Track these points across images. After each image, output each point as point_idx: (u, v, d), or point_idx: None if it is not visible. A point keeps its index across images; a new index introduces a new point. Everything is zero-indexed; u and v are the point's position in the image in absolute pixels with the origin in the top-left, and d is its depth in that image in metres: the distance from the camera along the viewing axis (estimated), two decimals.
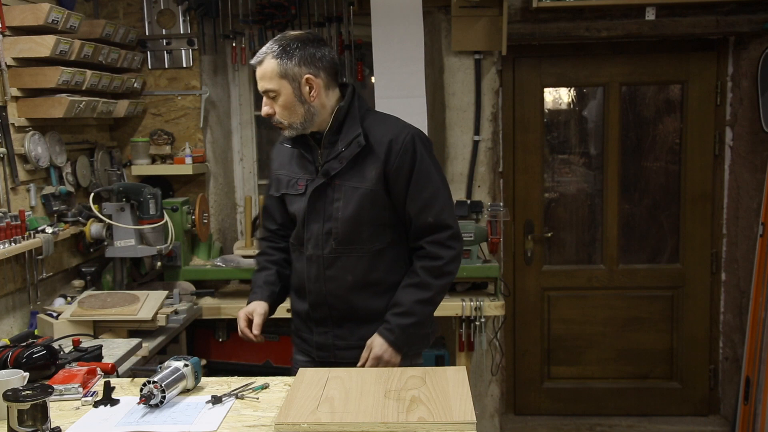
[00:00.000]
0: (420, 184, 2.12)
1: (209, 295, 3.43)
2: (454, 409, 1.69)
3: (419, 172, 2.12)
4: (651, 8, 3.54)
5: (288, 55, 2.05)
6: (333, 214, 2.14)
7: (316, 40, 2.11)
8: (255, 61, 2.09)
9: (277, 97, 2.09)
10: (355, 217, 2.12)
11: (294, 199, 2.23)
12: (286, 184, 2.24)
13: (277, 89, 2.07)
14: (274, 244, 2.39)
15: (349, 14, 3.57)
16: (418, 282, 2.13)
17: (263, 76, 2.08)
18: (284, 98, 2.08)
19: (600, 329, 4.06)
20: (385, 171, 2.11)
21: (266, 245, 2.41)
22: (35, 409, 1.63)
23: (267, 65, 2.07)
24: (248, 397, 1.89)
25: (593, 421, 4.05)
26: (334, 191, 2.13)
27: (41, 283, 2.95)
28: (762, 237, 3.61)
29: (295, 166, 2.23)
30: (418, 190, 2.12)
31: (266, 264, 2.37)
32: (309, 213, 2.17)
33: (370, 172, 2.11)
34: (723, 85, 3.84)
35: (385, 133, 2.12)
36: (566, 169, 4.04)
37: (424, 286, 2.13)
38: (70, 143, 3.23)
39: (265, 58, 2.07)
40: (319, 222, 2.16)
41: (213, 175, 3.83)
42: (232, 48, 3.70)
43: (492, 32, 3.50)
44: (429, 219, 2.13)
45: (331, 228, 2.14)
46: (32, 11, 2.79)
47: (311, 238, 2.18)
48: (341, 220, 2.13)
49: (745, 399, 3.67)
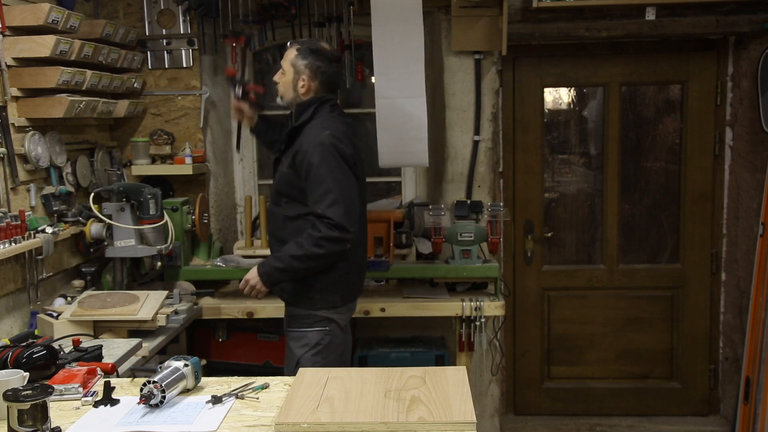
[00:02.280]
0: (313, 184, 2.65)
1: (209, 295, 3.42)
2: (454, 409, 1.70)
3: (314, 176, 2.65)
4: (651, 8, 3.54)
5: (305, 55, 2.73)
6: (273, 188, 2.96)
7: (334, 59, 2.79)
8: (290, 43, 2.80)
9: (282, 76, 2.80)
10: (276, 194, 2.85)
11: None
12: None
13: (284, 71, 2.79)
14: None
15: (349, 14, 3.57)
16: (297, 242, 2.65)
17: (285, 57, 2.78)
18: (286, 80, 2.79)
19: (600, 329, 4.06)
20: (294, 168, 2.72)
21: None
22: (35, 409, 1.63)
23: (290, 52, 2.77)
24: (248, 397, 1.89)
25: (593, 421, 4.05)
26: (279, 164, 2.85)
27: (41, 283, 2.95)
28: (762, 237, 3.61)
29: None
30: (314, 188, 2.64)
31: None
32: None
33: (285, 163, 2.75)
34: (723, 85, 3.84)
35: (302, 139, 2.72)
36: (566, 169, 4.04)
37: (299, 245, 2.64)
38: (70, 143, 3.23)
39: (289, 46, 2.78)
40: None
41: (213, 175, 3.83)
42: (232, 48, 3.70)
43: (492, 32, 3.50)
44: (317, 209, 2.61)
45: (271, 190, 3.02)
46: (32, 11, 2.79)
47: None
48: (272, 193, 2.93)
49: (745, 399, 3.67)
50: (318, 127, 2.69)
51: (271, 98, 4.05)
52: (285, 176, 2.73)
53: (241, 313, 3.31)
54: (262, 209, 3.67)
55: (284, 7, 3.50)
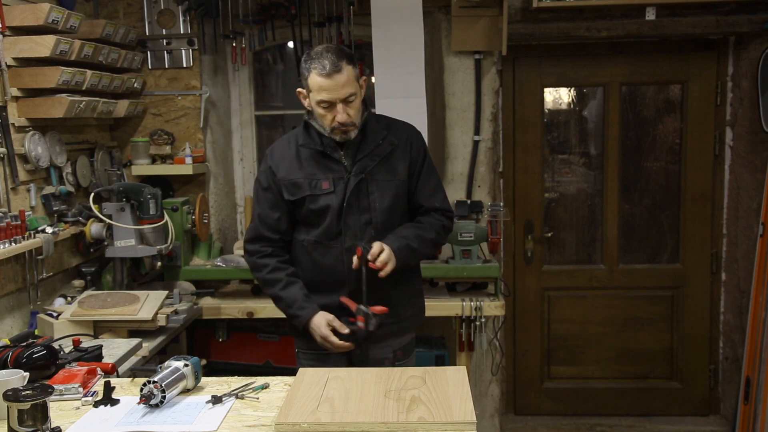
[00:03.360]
0: (428, 175, 2.43)
1: (209, 295, 3.43)
2: (454, 409, 1.70)
3: (428, 165, 2.45)
4: (651, 8, 3.54)
5: (353, 59, 2.27)
6: (371, 206, 2.33)
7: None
8: (330, 69, 2.18)
9: (354, 101, 2.26)
10: (390, 207, 2.35)
11: (318, 199, 2.33)
12: (308, 186, 2.34)
13: (356, 92, 2.26)
14: (281, 258, 2.42)
15: (349, 14, 3.57)
16: (420, 225, 2.39)
17: (346, 82, 2.21)
18: (358, 100, 2.29)
19: (600, 329, 4.06)
20: (410, 164, 2.39)
21: (276, 261, 2.40)
22: (35, 409, 1.63)
23: (347, 71, 2.21)
24: (248, 397, 1.89)
25: (593, 421, 4.05)
26: (368, 185, 2.32)
27: (41, 283, 2.95)
28: (762, 237, 3.61)
29: (311, 168, 2.35)
30: (427, 180, 2.42)
31: (291, 279, 2.39)
32: (347, 207, 2.31)
33: (400, 165, 2.37)
34: (723, 85, 3.84)
35: (401, 131, 2.42)
36: (566, 169, 4.04)
37: (425, 228, 2.38)
38: (70, 143, 3.23)
39: (342, 64, 2.20)
40: (355, 214, 2.32)
41: (213, 175, 3.83)
42: (232, 48, 3.70)
43: (492, 32, 3.50)
44: (436, 204, 2.42)
45: (370, 218, 2.33)
46: (32, 11, 2.79)
47: (348, 230, 2.32)
48: (379, 210, 2.34)
49: (745, 399, 3.67)
50: (383, 115, 2.50)
51: (270, 98, 4.07)
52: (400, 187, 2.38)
53: (241, 313, 3.31)
54: None
55: (284, 7, 3.50)
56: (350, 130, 2.28)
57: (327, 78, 2.19)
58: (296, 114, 3.84)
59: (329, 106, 2.24)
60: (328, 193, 2.32)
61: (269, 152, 2.44)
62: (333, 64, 2.18)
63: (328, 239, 2.35)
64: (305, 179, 2.34)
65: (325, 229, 2.34)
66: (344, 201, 2.30)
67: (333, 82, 2.19)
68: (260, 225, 2.42)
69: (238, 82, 3.95)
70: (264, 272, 2.41)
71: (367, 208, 2.33)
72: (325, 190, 2.32)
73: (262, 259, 2.42)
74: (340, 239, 2.33)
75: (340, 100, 2.22)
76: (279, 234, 2.41)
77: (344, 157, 2.33)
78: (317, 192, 2.33)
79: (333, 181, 2.32)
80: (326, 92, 2.21)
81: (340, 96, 2.21)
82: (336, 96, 2.21)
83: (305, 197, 2.34)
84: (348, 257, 2.29)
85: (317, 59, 2.21)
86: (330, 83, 2.19)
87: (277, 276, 2.39)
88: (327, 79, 2.19)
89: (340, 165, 2.33)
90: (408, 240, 2.31)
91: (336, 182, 2.32)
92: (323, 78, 2.19)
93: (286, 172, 2.36)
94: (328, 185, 2.33)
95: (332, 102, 2.22)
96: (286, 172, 2.36)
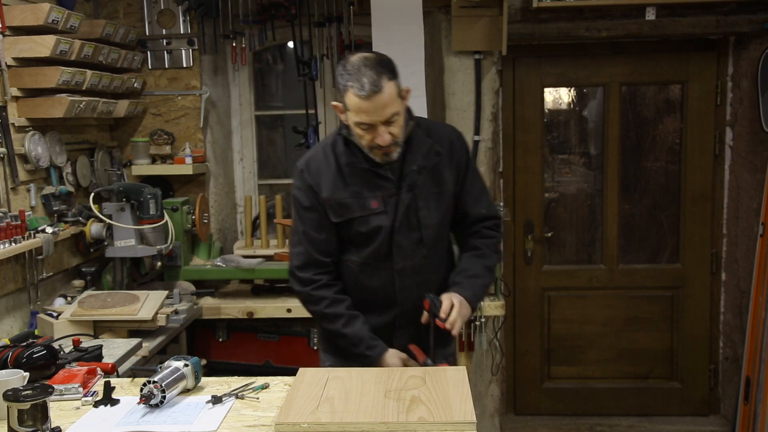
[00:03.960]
0: (473, 180, 2.25)
1: (209, 295, 3.43)
2: (454, 409, 1.69)
3: (472, 168, 2.28)
4: (651, 8, 3.54)
5: (395, 73, 2.01)
6: (421, 222, 2.15)
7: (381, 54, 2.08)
8: (369, 90, 1.94)
9: (397, 119, 2.02)
10: (441, 221, 2.20)
11: (369, 220, 2.13)
12: (357, 207, 2.13)
13: (400, 110, 2.02)
14: (336, 287, 2.21)
15: (349, 14, 3.57)
16: (481, 253, 2.23)
17: (388, 102, 1.97)
18: (402, 118, 2.06)
19: (600, 329, 4.06)
20: (456, 171, 2.21)
21: (333, 293, 2.19)
22: (35, 409, 1.63)
23: (388, 90, 1.96)
24: (248, 397, 1.89)
25: (593, 421, 4.05)
26: (417, 200, 2.14)
27: (41, 283, 2.95)
28: (762, 237, 3.61)
29: (356, 185, 2.13)
30: (472, 185, 2.25)
31: (352, 313, 2.18)
32: (397, 227, 2.13)
33: (446, 175, 2.18)
34: (723, 85, 3.84)
35: (443, 136, 2.22)
36: (566, 169, 4.04)
37: (487, 255, 2.23)
38: (70, 143, 3.23)
39: (383, 84, 1.95)
40: (405, 233, 2.15)
41: (213, 175, 3.83)
42: (232, 48, 3.70)
43: (492, 32, 3.50)
44: (482, 210, 2.26)
45: (421, 236, 2.16)
46: (32, 11, 2.79)
47: (400, 250, 2.15)
48: (430, 227, 2.17)
49: (745, 399, 3.67)
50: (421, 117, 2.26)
51: (270, 98, 4.07)
52: (449, 198, 2.21)
53: (241, 313, 3.31)
54: (262, 209, 3.68)
55: (284, 7, 3.50)
56: (392, 150, 2.06)
57: (366, 100, 1.95)
58: (296, 114, 3.84)
59: (369, 128, 2.01)
60: (379, 213, 2.12)
61: (304, 167, 2.18)
62: (372, 83, 1.93)
63: (377, 260, 2.17)
64: (353, 199, 2.12)
65: (375, 251, 2.15)
66: (395, 220, 2.12)
67: (373, 105, 1.95)
68: (310, 248, 2.18)
69: (238, 82, 3.95)
70: (321, 306, 2.17)
71: (416, 225, 2.15)
72: (375, 209, 2.12)
73: (317, 291, 2.18)
74: (390, 260, 2.16)
75: (382, 123, 2.00)
76: (330, 257, 2.19)
77: (390, 171, 2.12)
78: (367, 212, 2.12)
79: (383, 200, 2.12)
80: (365, 114, 1.98)
81: (381, 118, 1.98)
82: (377, 119, 1.98)
83: (354, 219, 2.13)
84: (399, 279, 2.16)
85: (354, 75, 1.96)
86: (369, 105, 1.96)
87: (337, 311, 2.16)
88: (366, 102, 1.95)
89: (388, 181, 2.12)
90: (479, 278, 2.17)
91: (386, 200, 2.12)
92: (361, 100, 1.95)
93: (330, 191, 2.13)
94: (378, 204, 2.12)
95: (372, 124, 2.00)
96: (330, 192, 2.13)
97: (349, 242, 2.19)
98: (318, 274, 2.18)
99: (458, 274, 2.21)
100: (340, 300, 2.18)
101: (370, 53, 2.06)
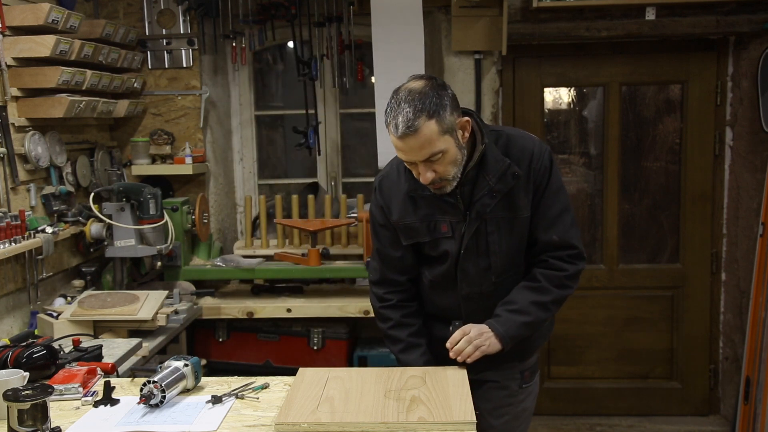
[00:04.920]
0: (549, 201, 2.06)
1: (209, 295, 3.43)
2: (454, 409, 1.69)
3: (550, 189, 2.06)
4: (651, 8, 3.54)
5: (438, 111, 1.86)
6: (490, 249, 2.05)
7: (438, 80, 1.96)
8: (402, 132, 1.84)
9: (443, 157, 1.90)
10: (513, 248, 2.08)
11: (438, 243, 2.08)
12: (426, 231, 2.07)
13: (445, 148, 1.89)
14: (406, 310, 2.18)
15: (349, 14, 3.57)
16: (537, 286, 2.08)
17: (426, 143, 1.85)
18: (451, 154, 1.91)
19: (600, 329, 4.06)
20: (534, 192, 2.05)
21: (399, 316, 2.16)
22: (35, 409, 1.63)
23: (426, 129, 1.84)
24: (248, 397, 1.89)
25: (593, 421, 4.05)
26: (486, 225, 2.04)
27: (41, 283, 2.95)
28: (762, 237, 3.61)
29: (426, 208, 2.06)
30: (547, 207, 2.06)
31: (412, 340, 2.15)
32: (464, 254, 2.06)
33: (522, 199, 2.03)
34: (723, 85, 3.84)
35: (522, 153, 2.04)
36: (566, 169, 4.04)
37: (543, 290, 2.07)
38: (70, 143, 3.23)
39: (419, 124, 1.84)
40: (472, 260, 2.06)
41: (213, 175, 3.83)
42: (232, 48, 3.70)
43: (492, 32, 3.50)
44: (554, 237, 2.07)
45: (489, 263, 2.07)
46: (32, 11, 2.79)
47: (466, 276, 2.08)
48: (499, 254, 2.06)
49: (745, 399, 3.67)
50: (502, 129, 2.12)
51: (270, 98, 4.07)
52: (524, 223, 2.06)
53: (241, 313, 3.31)
54: (262, 209, 3.68)
55: (284, 7, 3.50)
56: (444, 186, 1.95)
57: (400, 140, 1.87)
58: (296, 114, 3.84)
59: (412, 164, 1.95)
60: (447, 238, 2.05)
61: (378, 184, 2.16)
62: (407, 124, 1.84)
63: (445, 282, 2.12)
64: (421, 223, 2.06)
65: (443, 274, 2.10)
66: (461, 247, 2.04)
67: (407, 146, 1.87)
68: (383, 265, 2.18)
69: (238, 82, 3.95)
70: (386, 326, 2.18)
71: (485, 252, 2.05)
72: (444, 233, 2.05)
73: (385, 311, 2.17)
74: (456, 285, 2.10)
75: (421, 162, 1.90)
76: (405, 274, 2.16)
77: (459, 196, 2.01)
78: (437, 236, 2.06)
79: (451, 225, 2.04)
80: (403, 153, 1.92)
81: (419, 158, 1.89)
82: (414, 158, 1.90)
83: (424, 243, 2.09)
84: (465, 304, 2.11)
85: (393, 112, 1.88)
86: (404, 146, 1.88)
87: (398, 335, 2.15)
88: (400, 142, 1.87)
89: (454, 207, 2.03)
90: (520, 315, 2.03)
91: (454, 226, 2.04)
92: (397, 139, 1.88)
93: (398, 214, 2.08)
94: (447, 228, 2.05)
95: (412, 162, 1.94)
96: (399, 215, 2.08)
97: (422, 261, 2.16)
98: (389, 293, 2.18)
99: (502, 305, 2.08)
100: (405, 324, 2.15)
101: (419, 82, 1.93)
